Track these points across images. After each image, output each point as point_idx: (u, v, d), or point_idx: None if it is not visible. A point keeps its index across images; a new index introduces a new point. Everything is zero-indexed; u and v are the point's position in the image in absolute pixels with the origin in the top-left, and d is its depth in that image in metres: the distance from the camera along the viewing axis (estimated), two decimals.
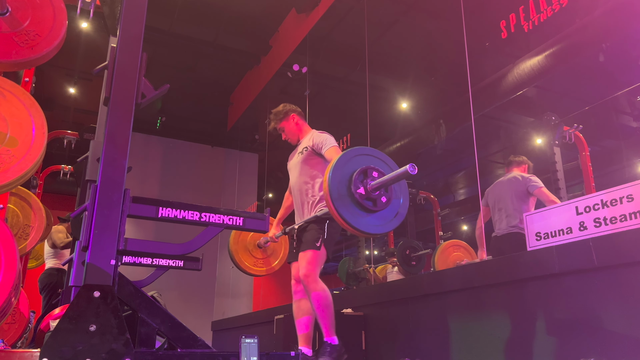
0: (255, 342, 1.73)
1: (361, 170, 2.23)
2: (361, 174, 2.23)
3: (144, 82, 1.90)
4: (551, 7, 4.59)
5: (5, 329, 3.62)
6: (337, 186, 2.18)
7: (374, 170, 2.26)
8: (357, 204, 2.18)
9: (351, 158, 2.27)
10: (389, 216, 2.27)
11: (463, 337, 2.92)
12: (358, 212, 2.18)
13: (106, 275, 1.61)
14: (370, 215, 2.21)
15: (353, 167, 2.24)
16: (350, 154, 2.28)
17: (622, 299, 2.18)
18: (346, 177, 2.21)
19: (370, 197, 2.21)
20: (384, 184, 2.20)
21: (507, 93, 6.62)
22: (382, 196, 2.22)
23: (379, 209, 2.22)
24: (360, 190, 2.20)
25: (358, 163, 2.26)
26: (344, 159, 2.25)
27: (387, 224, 2.26)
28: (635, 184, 2.43)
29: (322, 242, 2.83)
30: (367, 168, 2.25)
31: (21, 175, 1.97)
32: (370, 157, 2.32)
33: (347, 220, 2.14)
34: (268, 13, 7.40)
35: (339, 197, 2.16)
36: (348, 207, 2.16)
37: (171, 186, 10.25)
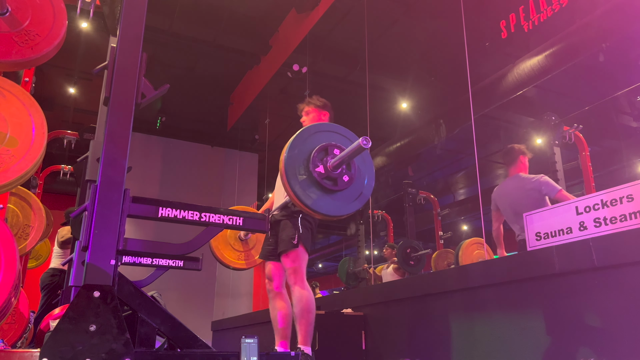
0: (255, 342, 1.73)
1: (321, 148, 2.07)
2: (321, 152, 2.07)
3: (144, 82, 1.90)
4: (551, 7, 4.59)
5: (5, 329, 3.62)
6: (293, 164, 2.03)
7: (335, 148, 2.10)
8: (315, 184, 2.03)
9: (311, 135, 2.11)
10: (351, 197, 2.11)
11: (463, 337, 2.92)
12: (316, 193, 2.03)
13: (106, 275, 1.61)
14: (330, 195, 2.05)
15: (313, 144, 2.08)
16: (310, 130, 2.13)
17: (622, 299, 2.18)
18: (305, 155, 2.06)
19: (331, 176, 2.05)
20: (343, 160, 2.05)
21: (507, 93, 6.63)
22: (344, 175, 2.07)
23: (340, 189, 2.06)
24: (320, 169, 2.04)
25: (318, 140, 2.11)
26: (303, 136, 2.09)
27: (348, 205, 2.10)
28: (635, 184, 2.43)
29: (298, 239, 2.75)
30: (327, 145, 2.08)
31: (21, 175, 1.97)
32: (331, 134, 2.16)
33: (304, 202, 2.00)
34: (268, 13, 7.40)
35: (295, 176, 2.01)
36: (305, 187, 2.01)
37: (171, 186, 10.25)
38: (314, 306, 2.74)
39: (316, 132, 2.12)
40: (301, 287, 2.72)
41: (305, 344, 2.67)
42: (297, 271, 2.74)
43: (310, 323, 2.70)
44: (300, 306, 2.69)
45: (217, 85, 9.32)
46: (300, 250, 2.76)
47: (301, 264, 2.76)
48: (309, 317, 2.69)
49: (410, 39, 7.38)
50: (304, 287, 2.73)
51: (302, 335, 2.68)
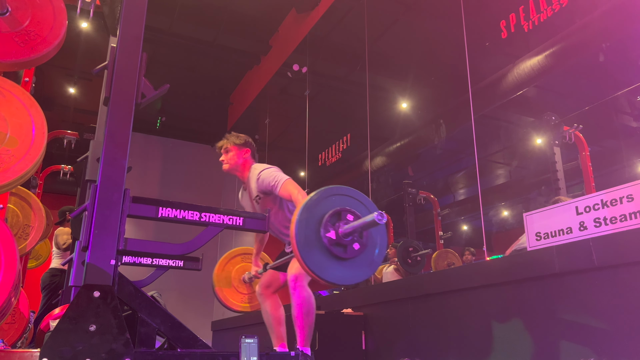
0: (255, 342, 1.73)
1: (334, 212, 1.97)
2: (334, 216, 1.97)
3: (144, 82, 1.90)
4: (551, 7, 4.59)
5: (5, 329, 3.62)
6: (304, 230, 1.92)
7: (348, 213, 1.99)
8: (325, 251, 1.93)
9: (324, 198, 2.00)
10: (361, 265, 2.01)
11: (463, 337, 2.92)
12: (326, 261, 1.93)
13: (106, 275, 1.62)
14: (340, 263, 1.96)
15: (325, 208, 1.98)
16: (323, 193, 2.01)
17: (622, 299, 2.17)
18: (316, 219, 1.95)
19: (341, 243, 1.95)
20: (355, 229, 1.95)
21: (507, 93, 6.62)
22: (355, 242, 1.97)
23: (350, 257, 1.96)
24: (330, 235, 1.94)
25: (332, 204, 1.99)
26: (316, 199, 1.98)
27: (358, 274, 2.01)
28: (635, 184, 2.43)
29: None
30: (341, 210, 1.98)
31: (21, 175, 1.97)
32: (346, 198, 2.04)
33: (314, 271, 1.91)
34: (268, 13, 7.40)
35: (306, 243, 1.91)
36: (315, 254, 1.91)
37: (171, 186, 10.25)
38: (314, 308, 2.74)
39: (329, 196, 2.02)
40: (303, 289, 2.71)
41: (306, 345, 2.68)
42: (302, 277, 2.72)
43: (311, 325, 2.71)
44: (301, 308, 2.68)
45: (217, 85, 9.32)
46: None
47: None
48: (310, 319, 2.70)
49: (410, 39, 7.38)
50: (306, 289, 2.72)
51: (303, 337, 2.68)
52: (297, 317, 2.68)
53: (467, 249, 7.44)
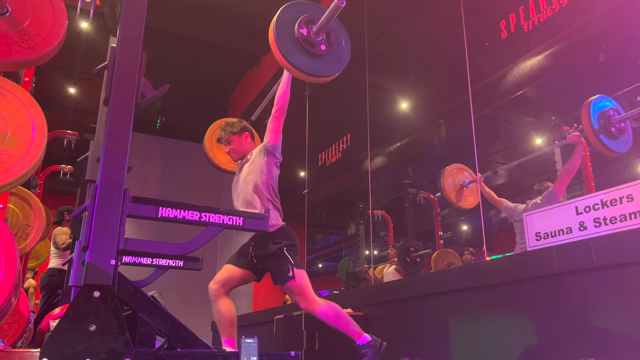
0: (255, 342, 1.73)
1: (308, 17, 2.42)
2: (308, 21, 2.41)
3: (144, 82, 1.90)
4: (551, 7, 4.59)
5: (5, 329, 3.62)
6: (281, 30, 2.35)
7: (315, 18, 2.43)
8: (299, 47, 2.38)
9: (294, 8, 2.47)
10: (331, 60, 2.50)
11: (463, 337, 2.92)
12: (300, 55, 2.37)
13: (106, 275, 1.61)
14: (312, 57, 2.40)
15: (296, 15, 2.42)
16: (291, 6, 2.47)
17: (622, 299, 2.18)
18: (291, 23, 2.40)
19: (310, 41, 2.39)
20: (322, 25, 2.37)
21: (507, 93, 6.62)
22: (322, 44, 2.43)
23: (320, 54, 2.41)
24: (303, 31, 2.38)
25: (300, 13, 2.46)
26: (287, 9, 2.45)
27: (328, 67, 2.48)
28: (635, 184, 2.43)
29: (292, 269, 2.72)
30: (315, 17, 2.42)
31: (21, 175, 1.97)
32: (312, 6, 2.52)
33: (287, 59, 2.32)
34: (268, 13, 7.36)
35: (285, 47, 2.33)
36: (291, 49, 2.34)
37: (171, 186, 10.25)
38: (340, 309, 2.75)
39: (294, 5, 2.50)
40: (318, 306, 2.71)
41: (358, 336, 2.70)
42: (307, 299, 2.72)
43: (349, 322, 2.72)
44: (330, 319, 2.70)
45: (217, 85, 9.32)
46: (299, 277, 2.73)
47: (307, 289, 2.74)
48: (344, 320, 2.72)
49: (410, 39, 7.38)
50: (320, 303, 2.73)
51: (353, 334, 2.71)
52: (334, 326, 2.72)
53: (467, 249, 7.44)
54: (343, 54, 2.60)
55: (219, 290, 2.88)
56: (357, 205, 8.81)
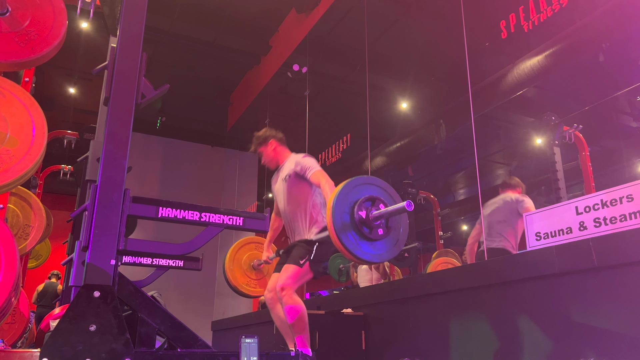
0: (255, 342, 1.73)
1: (369, 197, 2.26)
2: (368, 201, 2.25)
3: (144, 82, 1.90)
4: (551, 7, 4.59)
5: (5, 329, 3.62)
6: (340, 213, 2.19)
7: (381, 202, 2.28)
8: (356, 229, 2.21)
9: (358, 185, 2.29)
10: (388, 245, 2.30)
11: (463, 337, 2.92)
12: (357, 239, 2.20)
13: (106, 275, 1.61)
14: (370, 243, 2.23)
15: (357, 195, 2.26)
16: (357, 181, 2.30)
17: (622, 299, 2.17)
18: (350, 204, 2.22)
19: (369, 225, 2.22)
20: (384, 215, 2.23)
21: (507, 93, 6.62)
22: (380, 228, 2.26)
23: (376, 239, 2.24)
24: (362, 214, 2.21)
25: (362, 192, 2.29)
26: (349, 187, 2.27)
27: (385, 253, 2.28)
28: (635, 184, 2.43)
29: (306, 261, 2.83)
30: (376, 197, 2.27)
31: (21, 175, 1.97)
32: (375, 187, 2.34)
33: (347, 247, 2.15)
34: (268, 13, 7.40)
35: (342, 224, 2.17)
36: (347, 233, 2.18)
37: (171, 186, 10.25)
38: (305, 312, 2.80)
39: (360, 184, 2.31)
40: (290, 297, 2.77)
41: (304, 346, 2.74)
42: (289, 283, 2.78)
43: (305, 328, 2.78)
44: (291, 316, 2.74)
45: (217, 85, 9.32)
46: (304, 270, 2.83)
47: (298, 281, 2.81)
48: (302, 323, 2.77)
49: (410, 39, 7.38)
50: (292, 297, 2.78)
51: (299, 340, 2.75)
52: (290, 324, 2.77)
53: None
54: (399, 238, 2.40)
55: (273, 298, 2.98)
56: None
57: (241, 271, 3.84)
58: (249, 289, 3.92)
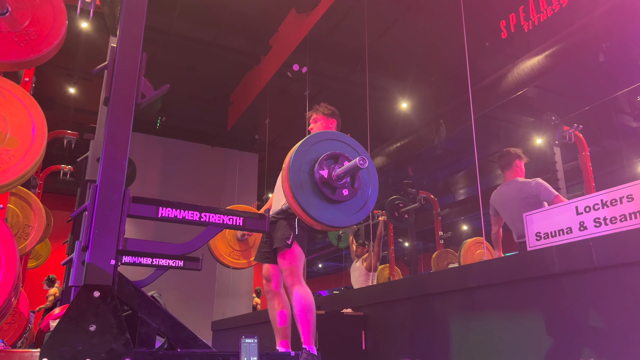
0: (255, 342, 1.73)
1: (331, 155, 2.01)
2: (330, 159, 2.01)
3: (144, 82, 1.90)
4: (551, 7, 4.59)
5: (5, 329, 3.62)
6: (297, 170, 1.94)
7: (345, 159, 2.03)
8: (316, 190, 1.96)
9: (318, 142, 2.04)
10: (352, 209, 2.04)
11: (463, 337, 2.92)
12: (317, 201, 1.96)
13: (106, 275, 1.61)
14: (332, 205, 1.98)
15: (318, 152, 2.02)
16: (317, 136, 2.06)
17: (622, 299, 2.18)
18: (310, 161, 1.98)
19: (332, 185, 1.98)
20: (346, 172, 1.99)
21: (507, 93, 6.62)
22: (345, 188, 2.01)
23: (339, 200, 2.00)
24: (323, 172, 1.97)
25: (325, 148, 2.03)
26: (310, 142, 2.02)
27: (352, 216, 2.04)
28: (635, 184, 2.43)
29: (293, 238, 2.75)
30: (340, 154, 2.02)
31: (21, 175, 1.97)
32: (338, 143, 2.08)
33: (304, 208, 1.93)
34: (268, 13, 7.40)
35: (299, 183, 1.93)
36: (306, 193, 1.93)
37: (171, 186, 10.25)
38: (314, 305, 2.73)
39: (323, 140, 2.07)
40: (299, 287, 2.71)
41: (309, 343, 2.67)
42: (293, 271, 2.72)
43: (312, 322, 2.69)
44: (300, 306, 2.68)
45: (217, 85, 9.31)
46: (295, 249, 2.75)
47: (298, 264, 2.75)
48: (310, 316, 2.69)
49: (410, 39, 7.38)
50: (302, 286, 2.73)
51: (305, 335, 2.67)
52: (297, 315, 2.68)
53: None
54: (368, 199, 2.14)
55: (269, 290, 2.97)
56: None
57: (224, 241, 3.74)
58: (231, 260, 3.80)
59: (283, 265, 2.76)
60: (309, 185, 1.96)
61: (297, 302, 2.69)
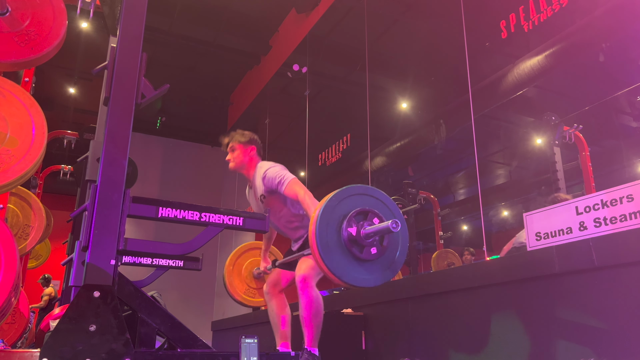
0: (255, 342, 1.73)
1: (360, 211, 1.92)
2: (359, 215, 1.93)
3: (144, 82, 1.90)
4: (551, 7, 4.59)
5: (5, 329, 3.62)
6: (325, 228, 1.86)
7: (375, 216, 1.94)
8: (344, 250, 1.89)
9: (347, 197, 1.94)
10: (380, 267, 1.97)
11: (463, 337, 2.92)
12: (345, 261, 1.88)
13: (106, 275, 1.61)
14: (359, 264, 1.91)
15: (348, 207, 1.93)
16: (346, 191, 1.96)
17: (622, 299, 2.17)
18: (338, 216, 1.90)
19: (360, 243, 1.91)
20: (376, 232, 1.91)
21: (507, 93, 6.62)
22: (373, 247, 1.92)
23: (368, 259, 1.92)
24: (352, 230, 1.88)
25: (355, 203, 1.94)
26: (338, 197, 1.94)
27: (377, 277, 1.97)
28: (635, 184, 2.43)
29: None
30: (368, 211, 1.93)
31: (21, 175, 1.97)
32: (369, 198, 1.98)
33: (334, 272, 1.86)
34: (268, 13, 7.40)
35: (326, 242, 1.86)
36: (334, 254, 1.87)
37: (171, 186, 10.26)
38: (322, 309, 2.73)
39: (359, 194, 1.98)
40: (312, 289, 2.70)
41: (313, 345, 2.67)
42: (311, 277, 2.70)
43: (319, 326, 2.70)
44: (310, 310, 2.66)
45: (217, 85, 9.31)
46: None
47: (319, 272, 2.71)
48: (318, 320, 2.69)
49: (410, 39, 7.38)
50: (314, 290, 2.71)
51: (311, 338, 2.67)
52: (305, 318, 2.66)
53: (467, 249, 7.44)
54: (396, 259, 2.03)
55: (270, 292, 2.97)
56: None
57: (240, 278, 3.75)
58: (247, 298, 3.80)
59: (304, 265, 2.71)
60: (335, 243, 1.89)
61: (307, 305, 2.65)
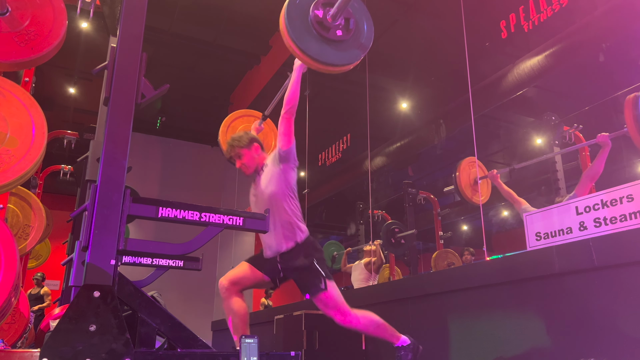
0: (255, 342, 1.73)
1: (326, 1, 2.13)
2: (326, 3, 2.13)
3: (144, 82, 1.90)
4: (551, 7, 4.59)
5: (5, 329, 3.62)
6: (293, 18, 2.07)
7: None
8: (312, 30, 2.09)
9: None
10: (352, 46, 2.19)
11: (463, 337, 2.92)
12: (314, 41, 2.09)
13: (106, 275, 1.61)
14: (329, 44, 2.11)
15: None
16: None
17: (622, 299, 2.18)
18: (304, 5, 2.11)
19: (325, 24, 2.10)
20: (341, 7, 2.08)
21: (507, 93, 6.62)
22: (339, 29, 2.13)
23: (334, 39, 2.12)
24: (319, 12, 2.10)
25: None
26: None
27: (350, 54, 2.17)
28: (635, 184, 2.43)
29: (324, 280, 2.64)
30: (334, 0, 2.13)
31: (21, 175, 1.97)
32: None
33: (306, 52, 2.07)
34: (268, 13, 7.40)
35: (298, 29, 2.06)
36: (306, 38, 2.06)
37: (171, 186, 10.26)
38: (375, 317, 2.72)
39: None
40: (356, 318, 2.68)
41: (397, 339, 2.68)
42: (341, 309, 2.66)
43: (387, 328, 2.70)
44: (371, 328, 2.69)
45: (217, 85, 9.32)
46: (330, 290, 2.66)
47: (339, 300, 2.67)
48: (383, 326, 2.70)
49: (410, 39, 7.38)
50: (357, 315, 2.69)
51: (391, 339, 2.69)
52: (375, 335, 2.71)
53: (467, 249, 7.44)
54: (363, 41, 2.24)
55: (230, 289, 2.75)
56: (357, 206, 8.82)
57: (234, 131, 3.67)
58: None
59: (329, 310, 2.67)
60: (305, 27, 2.09)
61: (367, 329, 2.69)
